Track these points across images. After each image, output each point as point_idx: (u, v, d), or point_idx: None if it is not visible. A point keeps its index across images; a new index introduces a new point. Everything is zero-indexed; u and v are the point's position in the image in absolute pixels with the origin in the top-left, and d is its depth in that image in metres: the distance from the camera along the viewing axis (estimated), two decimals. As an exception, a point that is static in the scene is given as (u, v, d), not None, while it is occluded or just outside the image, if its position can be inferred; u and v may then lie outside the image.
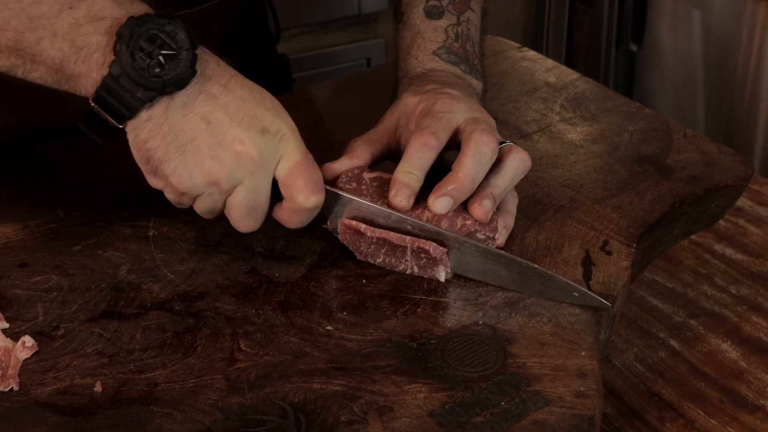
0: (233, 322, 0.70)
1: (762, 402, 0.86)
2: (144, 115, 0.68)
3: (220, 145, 0.68)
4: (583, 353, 0.67)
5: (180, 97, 0.68)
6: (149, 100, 0.67)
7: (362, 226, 0.74)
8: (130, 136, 0.69)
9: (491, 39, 1.16)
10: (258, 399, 0.63)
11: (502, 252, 0.74)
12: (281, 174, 0.71)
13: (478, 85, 0.86)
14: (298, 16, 1.96)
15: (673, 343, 0.94)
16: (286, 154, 0.70)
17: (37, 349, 0.68)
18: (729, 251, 1.07)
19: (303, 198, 0.71)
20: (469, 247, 0.73)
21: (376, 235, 0.74)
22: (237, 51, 1.08)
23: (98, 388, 0.64)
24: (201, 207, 0.72)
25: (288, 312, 0.71)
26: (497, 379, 0.65)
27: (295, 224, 0.73)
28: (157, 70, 0.66)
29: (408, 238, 0.73)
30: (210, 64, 0.69)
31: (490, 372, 0.66)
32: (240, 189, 0.70)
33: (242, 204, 0.71)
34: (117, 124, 0.68)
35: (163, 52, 0.66)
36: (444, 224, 0.73)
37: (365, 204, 0.74)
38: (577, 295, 0.72)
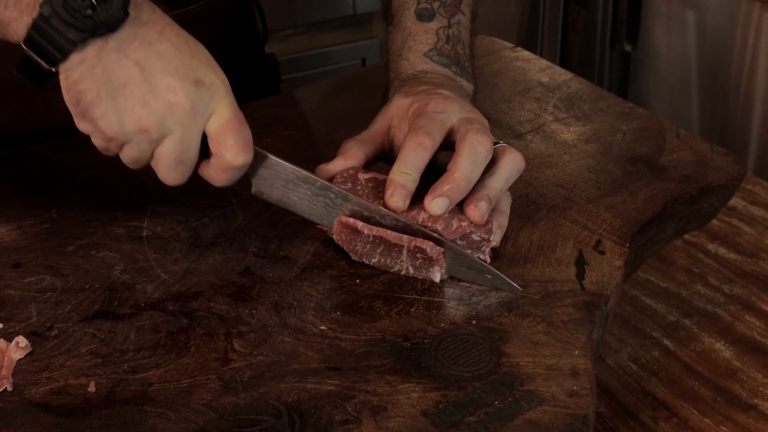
0: (227, 322, 0.70)
1: (755, 401, 0.86)
2: (76, 57, 0.67)
3: (153, 93, 0.67)
4: (576, 352, 0.67)
5: (114, 40, 0.67)
6: (81, 41, 0.66)
7: (359, 224, 0.74)
8: (61, 78, 0.68)
9: (485, 39, 1.16)
10: (252, 399, 0.63)
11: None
12: (212, 129, 0.70)
13: (469, 86, 0.87)
14: (293, 17, 1.96)
15: (666, 342, 0.94)
16: (218, 110, 0.70)
17: (30, 349, 0.68)
18: (722, 251, 1.07)
19: (232, 155, 0.70)
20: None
21: (373, 233, 0.74)
22: (226, 51, 1.08)
23: (92, 388, 0.64)
24: (128, 155, 0.71)
25: (282, 312, 0.71)
26: (491, 378, 0.65)
27: (221, 182, 0.72)
28: (89, 11, 0.65)
29: (405, 236, 0.73)
30: (145, 9, 0.69)
31: (484, 371, 0.66)
32: (169, 139, 0.69)
33: (171, 155, 0.70)
34: (49, 68, 0.67)
35: None
36: (440, 225, 0.73)
37: (295, 169, 0.74)
38: (489, 277, 0.73)
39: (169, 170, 0.71)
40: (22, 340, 0.68)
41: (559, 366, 0.66)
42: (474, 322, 0.70)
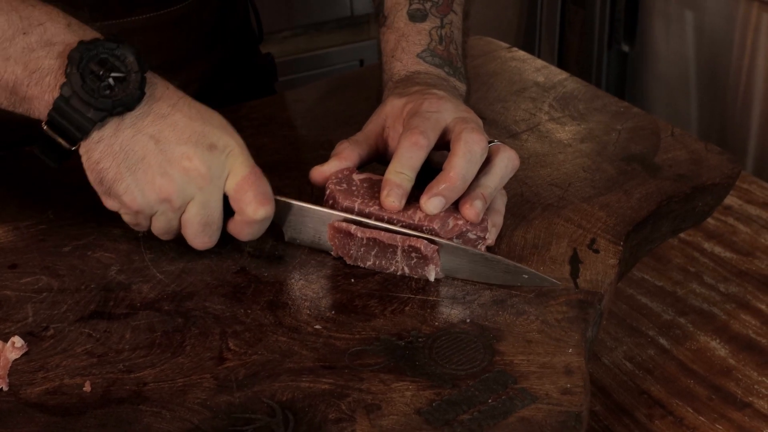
0: (222, 322, 0.71)
1: (750, 399, 0.87)
2: (95, 136, 0.70)
3: (169, 162, 0.70)
4: (570, 350, 0.68)
5: (129, 117, 0.70)
6: (99, 120, 0.69)
7: (352, 227, 0.74)
8: (83, 159, 0.71)
9: (481, 39, 1.17)
10: (246, 398, 0.64)
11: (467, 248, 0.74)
12: (230, 188, 0.73)
13: (461, 86, 0.87)
14: (291, 18, 1.96)
15: (662, 340, 0.95)
16: (234, 169, 0.72)
17: (26, 349, 0.68)
18: (718, 249, 1.07)
19: (252, 210, 0.73)
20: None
21: (366, 236, 0.74)
22: (216, 51, 1.09)
23: (87, 387, 0.65)
24: (157, 227, 0.74)
25: (276, 311, 0.72)
26: (484, 376, 0.65)
27: (247, 236, 0.75)
28: (107, 91, 0.68)
29: (399, 237, 0.74)
30: (159, 86, 0.72)
31: (478, 370, 0.66)
32: (192, 205, 0.72)
33: (195, 220, 0.72)
34: (69, 146, 0.70)
35: (113, 74, 0.69)
36: (436, 224, 0.74)
37: (317, 209, 0.75)
38: (526, 277, 0.73)
39: (197, 234, 0.73)
40: (18, 340, 0.68)
41: (552, 364, 0.66)
42: (468, 320, 0.71)
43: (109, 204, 0.73)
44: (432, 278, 0.74)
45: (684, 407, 0.86)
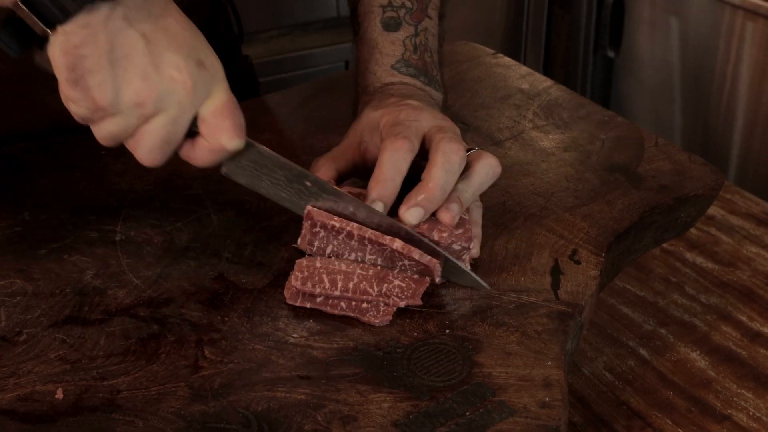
0: (198, 329, 0.70)
1: (729, 411, 0.86)
2: (82, 20, 0.64)
3: (155, 67, 0.66)
4: (549, 363, 0.67)
5: (122, 8, 0.65)
6: (91, 2, 0.64)
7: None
8: (57, 40, 0.65)
9: (466, 45, 1.16)
10: (221, 407, 0.63)
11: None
12: (207, 111, 0.68)
13: (438, 96, 0.86)
14: (275, 18, 1.95)
15: (642, 351, 0.94)
16: (215, 93, 0.69)
17: (-2, 354, 0.67)
18: (700, 260, 1.07)
19: (227, 138, 0.69)
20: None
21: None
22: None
23: (59, 395, 0.64)
24: (109, 129, 0.68)
25: (254, 319, 0.71)
26: (462, 388, 0.65)
27: (204, 163, 0.71)
28: None
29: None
30: None
31: (456, 381, 0.65)
32: (161, 117, 0.67)
33: (158, 134, 0.68)
34: (44, 30, 0.64)
35: None
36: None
37: (272, 155, 0.72)
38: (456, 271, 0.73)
39: (152, 150, 0.68)
40: (-11, 345, 0.67)
41: (531, 377, 0.66)
42: (447, 331, 0.70)
43: (69, 93, 0.66)
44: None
45: (663, 419, 0.86)
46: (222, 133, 0.69)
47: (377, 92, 0.84)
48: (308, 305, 0.71)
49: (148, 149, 0.68)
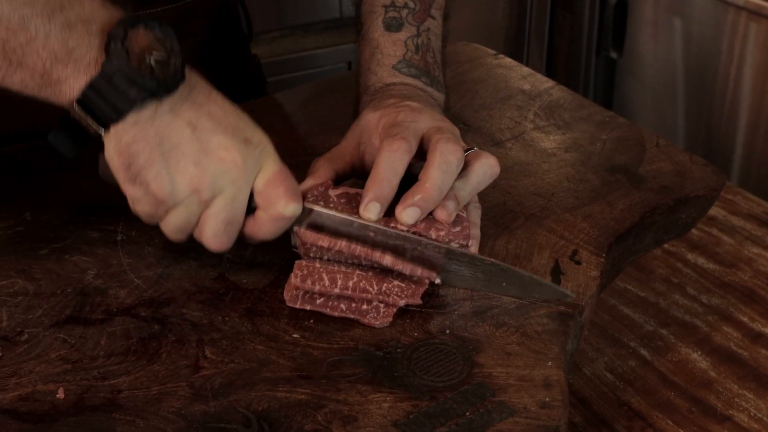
0: (199, 329, 0.70)
1: (730, 412, 0.87)
2: (131, 118, 0.67)
3: (205, 152, 0.68)
4: (549, 363, 0.67)
5: (168, 102, 0.67)
6: (141, 101, 0.66)
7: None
8: (110, 141, 0.68)
9: (467, 46, 1.16)
10: (222, 407, 0.63)
11: (465, 251, 0.73)
12: (260, 184, 0.71)
13: (439, 96, 0.86)
14: (279, 19, 1.95)
15: (643, 352, 0.94)
16: (266, 165, 0.71)
17: (0, 354, 0.67)
18: (701, 260, 1.07)
19: (282, 205, 0.71)
20: (432, 249, 0.72)
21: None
22: (214, 49, 1.08)
23: (61, 394, 0.64)
24: (174, 222, 0.71)
25: (255, 319, 0.71)
26: (463, 389, 0.65)
27: (268, 235, 0.73)
28: (149, 71, 0.66)
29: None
30: (194, 73, 0.70)
31: (456, 382, 0.65)
32: (219, 199, 0.70)
33: (220, 216, 0.70)
34: (99, 129, 0.67)
35: (155, 54, 0.66)
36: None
37: (332, 214, 0.73)
38: (540, 287, 0.73)
39: (217, 233, 0.71)
40: (-9, 345, 0.67)
41: (531, 377, 0.66)
42: (447, 331, 0.70)
43: (132, 191, 0.69)
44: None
45: (664, 419, 0.86)
46: (277, 201, 0.71)
47: (378, 93, 0.84)
48: (308, 307, 0.71)
49: (213, 233, 0.71)
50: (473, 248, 0.75)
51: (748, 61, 1.87)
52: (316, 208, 0.74)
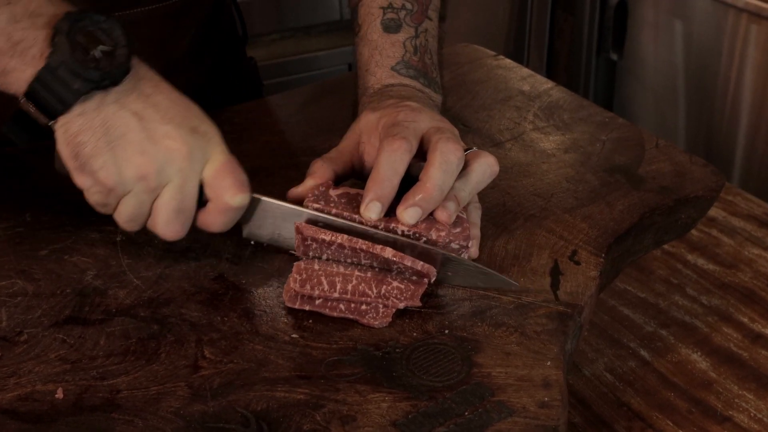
0: (198, 329, 0.70)
1: (730, 413, 0.86)
2: (77, 109, 0.68)
3: (151, 140, 0.69)
4: (548, 363, 0.67)
5: (114, 93, 0.69)
6: (85, 92, 0.67)
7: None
8: (59, 132, 0.69)
9: (467, 47, 1.16)
10: (220, 407, 0.63)
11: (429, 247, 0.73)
12: (208, 174, 0.72)
13: (437, 97, 0.86)
14: (279, 21, 1.95)
15: (643, 352, 0.94)
16: (213, 155, 0.72)
17: (-1, 354, 0.67)
18: (701, 261, 1.07)
19: (230, 196, 0.72)
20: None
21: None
22: (209, 51, 1.08)
23: (60, 394, 0.64)
24: (126, 210, 0.71)
25: (253, 319, 0.71)
26: (461, 389, 0.65)
27: (219, 226, 0.74)
28: (94, 63, 0.67)
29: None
30: (142, 65, 0.71)
31: (455, 382, 0.65)
32: (168, 188, 0.70)
33: (170, 205, 0.71)
34: (47, 121, 0.68)
35: (100, 47, 0.67)
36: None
37: (282, 205, 0.74)
38: (485, 276, 0.74)
39: (169, 222, 0.72)
40: (-10, 345, 0.67)
41: (530, 377, 0.66)
42: (446, 331, 0.70)
43: (81, 180, 0.71)
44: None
45: (664, 420, 0.86)
46: (225, 192, 0.72)
47: (377, 93, 0.84)
48: (307, 308, 0.71)
49: (164, 222, 0.72)
50: (473, 249, 0.75)
51: (748, 63, 1.87)
52: (264, 197, 0.74)
